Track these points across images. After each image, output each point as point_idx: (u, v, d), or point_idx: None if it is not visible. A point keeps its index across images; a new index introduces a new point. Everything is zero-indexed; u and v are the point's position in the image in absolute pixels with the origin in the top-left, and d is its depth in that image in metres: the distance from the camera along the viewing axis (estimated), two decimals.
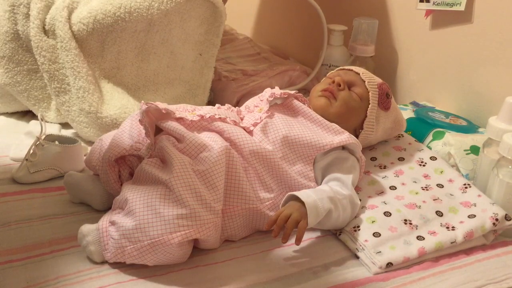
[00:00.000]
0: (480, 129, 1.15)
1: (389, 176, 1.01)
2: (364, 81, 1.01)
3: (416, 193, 0.96)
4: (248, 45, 1.75)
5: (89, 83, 1.17)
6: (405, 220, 0.90)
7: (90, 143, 1.17)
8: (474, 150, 1.04)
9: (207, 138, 0.88)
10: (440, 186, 0.98)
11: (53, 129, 1.16)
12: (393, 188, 0.98)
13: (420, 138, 1.11)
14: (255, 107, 0.99)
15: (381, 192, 0.97)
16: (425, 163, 1.03)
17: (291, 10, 1.81)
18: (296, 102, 0.99)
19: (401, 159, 1.05)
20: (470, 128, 1.14)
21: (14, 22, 1.23)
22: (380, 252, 0.84)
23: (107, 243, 0.78)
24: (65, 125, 1.23)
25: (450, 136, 1.07)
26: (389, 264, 0.82)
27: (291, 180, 0.90)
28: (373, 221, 0.89)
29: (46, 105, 1.26)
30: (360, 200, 0.93)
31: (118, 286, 0.76)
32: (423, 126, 1.14)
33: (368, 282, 0.80)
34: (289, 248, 0.87)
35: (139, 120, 0.90)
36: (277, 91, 0.99)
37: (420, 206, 0.92)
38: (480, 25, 1.18)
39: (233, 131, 0.90)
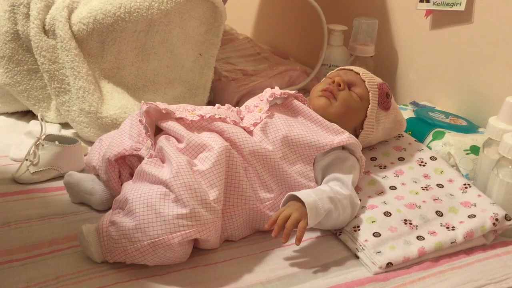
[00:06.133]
0: (480, 129, 1.15)
1: (389, 176, 1.01)
2: (364, 81, 1.01)
3: (416, 193, 0.96)
4: (248, 45, 1.75)
5: (89, 83, 1.17)
6: (405, 220, 0.90)
7: (90, 143, 1.17)
8: (474, 150, 1.04)
9: (207, 138, 0.88)
10: (440, 186, 0.98)
11: (53, 129, 1.16)
12: (393, 188, 0.98)
13: (420, 138, 1.11)
14: (255, 107, 0.99)
15: (381, 192, 0.97)
16: (425, 163, 1.03)
17: (291, 10, 1.81)
18: (296, 102, 0.99)
19: (401, 159, 1.05)
20: (470, 128, 1.14)
21: (14, 22, 1.23)
22: (380, 252, 0.84)
23: (107, 243, 0.78)
24: (65, 125, 1.23)
25: (450, 136, 1.07)
26: (389, 264, 0.82)
27: (291, 180, 0.90)
28: (373, 221, 0.89)
29: (46, 105, 1.26)
30: (360, 200, 0.93)
31: (118, 286, 0.76)
32: (423, 126, 1.14)
33: (368, 282, 0.80)
34: (289, 248, 0.87)
35: (139, 120, 0.90)
36: (277, 91, 0.99)
37: (420, 206, 0.92)
38: (480, 25, 1.18)
39: (233, 131, 0.90)
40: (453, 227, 0.89)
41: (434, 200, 0.94)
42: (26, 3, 1.22)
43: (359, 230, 0.88)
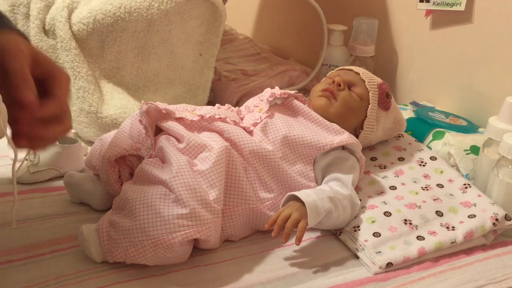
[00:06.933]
0: (480, 129, 1.15)
1: (389, 176, 1.01)
2: (364, 81, 1.01)
3: (416, 193, 0.96)
4: (248, 45, 1.75)
5: (89, 83, 1.17)
6: (405, 220, 0.90)
7: (90, 143, 1.17)
8: (474, 150, 1.04)
9: (207, 138, 0.88)
10: (440, 186, 0.98)
11: None
12: (393, 188, 0.98)
13: (420, 138, 1.11)
14: (255, 107, 0.99)
15: (381, 192, 0.97)
16: (425, 163, 1.03)
17: (291, 10, 1.81)
18: (296, 102, 0.99)
19: (401, 159, 1.05)
20: (470, 128, 1.14)
21: (14, 22, 1.23)
22: (380, 252, 0.84)
23: (107, 243, 0.78)
24: None
25: (450, 136, 1.07)
26: (389, 264, 0.82)
27: (291, 180, 0.90)
28: (373, 221, 0.89)
29: None
30: (360, 200, 0.93)
31: (118, 286, 0.76)
32: (423, 126, 1.14)
33: (368, 282, 0.80)
34: (289, 248, 0.87)
35: (139, 120, 0.90)
36: (277, 91, 0.99)
37: (420, 206, 0.92)
38: (480, 25, 1.18)
39: (233, 131, 0.90)
40: (453, 227, 0.89)
41: (434, 200, 0.94)
42: (26, 3, 1.22)
43: (359, 230, 0.88)
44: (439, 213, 0.92)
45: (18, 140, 0.67)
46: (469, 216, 0.90)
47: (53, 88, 0.70)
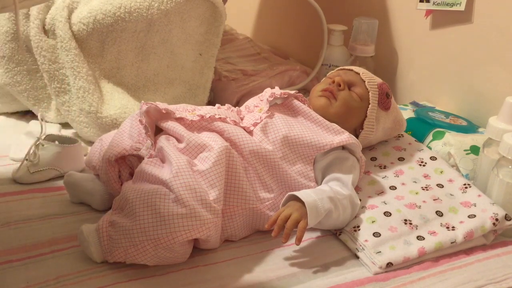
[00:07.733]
0: (480, 129, 1.15)
1: (389, 176, 1.01)
2: (364, 81, 1.01)
3: (416, 193, 0.96)
4: (248, 45, 1.75)
5: (89, 83, 1.17)
6: (405, 220, 0.90)
7: (90, 143, 1.17)
8: (474, 150, 1.04)
9: (207, 138, 0.88)
10: (440, 186, 0.98)
11: (53, 129, 1.16)
12: (393, 188, 0.98)
13: (420, 138, 1.11)
14: (255, 107, 0.99)
15: (381, 192, 0.97)
16: (425, 163, 1.03)
17: (291, 10, 1.81)
18: (296, 102, 0.99)
19: (401, 159, 1.05)
20: (470, 128, 1.14)
21: (14, 22, 1.23)
22: (380, 252, 0.84)
23: (107, 243, 0.78)
24: (65, 125, 1.23)
25: (450, 136, 1.07)
26: (389, 264, 0.82)
27: (291, 180, 0.90)
28: (373, 221, 0.89)
29: (46, 105, 1.26)
30: (360, 200, 0.93)
31: (118, 286, 0.76)
32: (423, 126, 1.14)
33: (368, 282, 0.80)
34: (289, 248, 0.87)
35: (139, 120, 0.90)
36: (277, 91, 0.99)
37: (420, 206, 0.92)
38: (480, 25, 1.18)
39: (233, 131, 0.90)
40: (453, 227, 0.89)
41: (434, 200, 0.94)
42: None
43: (359, 230, 0.88)
44: (439, 213, 0.92)
45: None
46: (469, 216, 0.90)
47: None
